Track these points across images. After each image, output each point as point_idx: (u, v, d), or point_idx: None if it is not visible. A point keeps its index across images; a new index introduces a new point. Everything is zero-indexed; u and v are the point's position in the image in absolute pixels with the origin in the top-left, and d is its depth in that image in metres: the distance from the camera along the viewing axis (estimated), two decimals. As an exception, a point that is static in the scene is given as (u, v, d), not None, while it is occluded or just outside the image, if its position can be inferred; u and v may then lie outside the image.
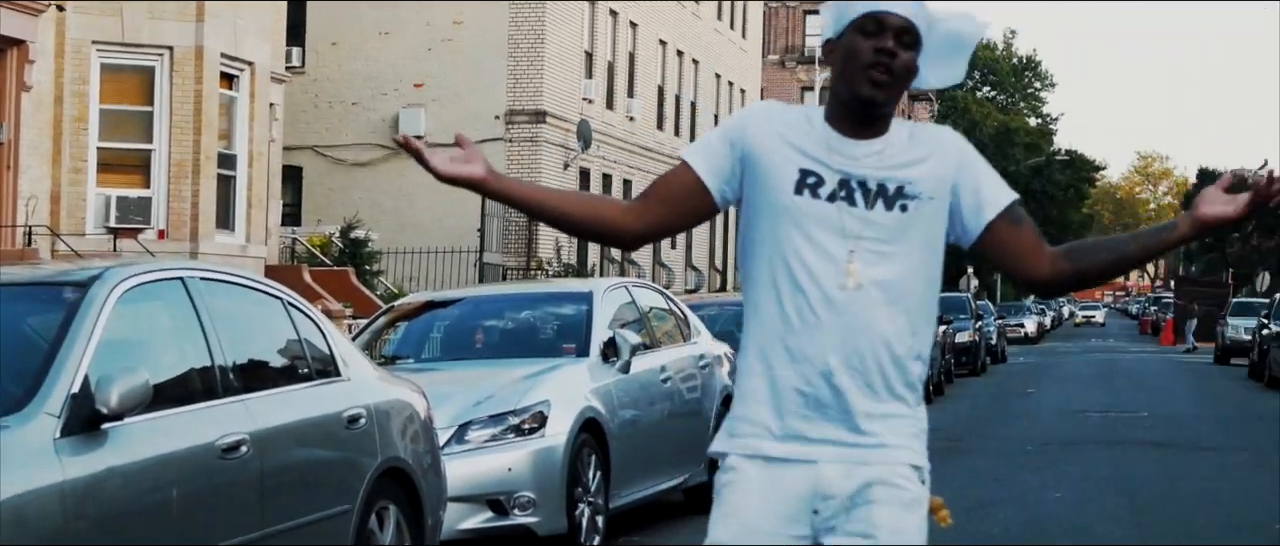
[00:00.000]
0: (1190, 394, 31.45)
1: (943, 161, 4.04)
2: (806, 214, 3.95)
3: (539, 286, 16.81)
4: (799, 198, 3.96)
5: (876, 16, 3.96)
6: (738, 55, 56.07)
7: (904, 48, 3.97)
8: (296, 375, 8.12)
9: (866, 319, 3.93)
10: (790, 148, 3.99)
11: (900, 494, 3.92)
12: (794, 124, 4.04)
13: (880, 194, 3.96)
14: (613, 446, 11.67)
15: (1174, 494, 14.76)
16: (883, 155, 4.00)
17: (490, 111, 37.85)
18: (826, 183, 3.96)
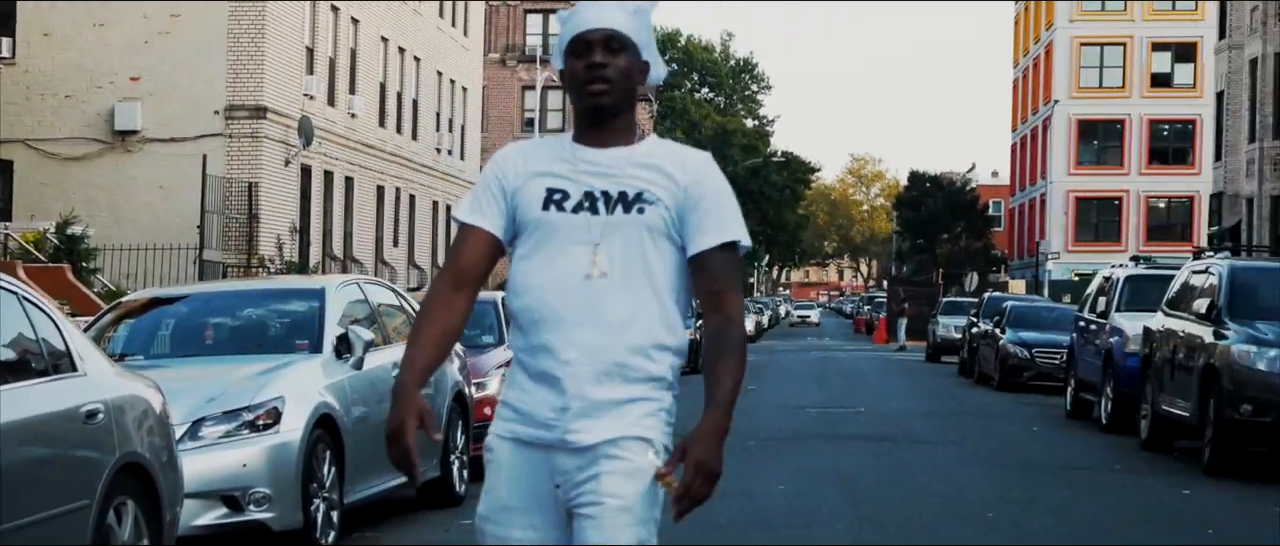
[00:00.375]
0: (903, 390, 32.35)
1: (680, 175, 4.47)
2: (555, 225, 4.45)
3: (270, 283, 16.66)
4: (546, 213, 4.46)
5: (580, 38, 4.49)
6: (459, 53, 56.04)
7: (613, 54, 4.46)
8: (32, 370, 8.00)
9: (604, 314, 4.39)
10: (539, 174, 4.50)
11: (623, 464, 4.36)
12: (541, 153, 4.56)
13: (620, 200, 4.43)
14: (347, 442, 11.69)
15: (891, 486, 15.22)
16: (626, 162, 4.46)
17: (209, 106, 37.24)
18: (572, 196, 4.46)
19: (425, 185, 51.53)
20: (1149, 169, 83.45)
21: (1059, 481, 15.86)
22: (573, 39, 4.51)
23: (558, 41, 4.57)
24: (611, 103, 4.47)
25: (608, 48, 4.47)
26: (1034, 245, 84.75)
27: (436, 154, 52.96)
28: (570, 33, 4.52)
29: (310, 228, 40.76)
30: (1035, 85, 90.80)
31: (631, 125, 4.56)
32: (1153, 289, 22.48)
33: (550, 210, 4.46)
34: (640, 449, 4.40)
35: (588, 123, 4.52)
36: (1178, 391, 18.39)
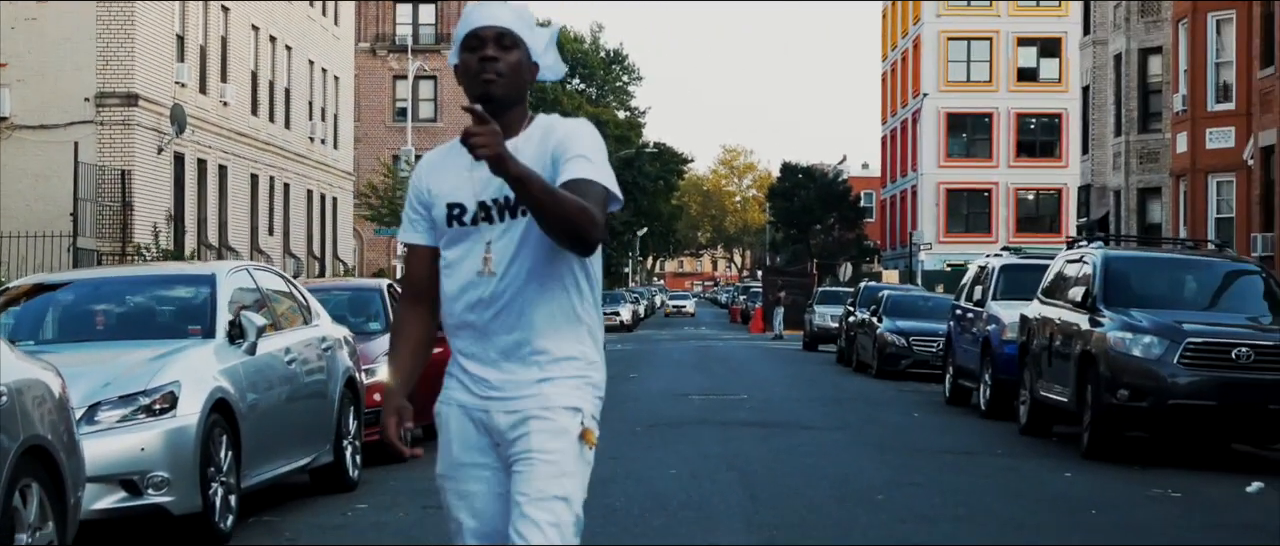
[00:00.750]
0: (784, 378, 32.59)
1: (545, 146, 4.88)
2: (458, 237, 4.95)
3: (160, 269, 16.46)
4: (450, 229, 4.97)
5: (474, 33, 4.92)
6: (331, 42, 55.74)
7: (505, 50, 4.90)
8: (-65, 352, 7.90)
9: (515, 304, 4.91)
10: (444, 188, 4.98)
11: (549, 424, 4.90)
12: (446, 163, 5.02)
13: (507, 206, 4.87)
14: (243, 426, 11.63)
15: (782, 469, 15.37)
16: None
17: (79, 94, 36.75)
18: (468, 210, 4.93)
19: (299, 174, 51.20)
20: (1017, 162, 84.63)
21: (944, 465, 16.09)
22: (467, 35, 4.93)
23: (454, 38, 5.00)
24: (501, 93, 4.89)
25: (499, 43, 4.91)
26: (906, 236, 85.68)
27: (310, 143, 52.65)
28: (465, 29, 4.94)
29: (185, 216, 40.37)
30: (904, 78, 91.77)
31: (522, 118, 4.97)
32: (1028, 278, 22.85)
33: (453, 226, 4.97)
34: (564, 413, 4.96)
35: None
36: (1056, 377, 18.70)
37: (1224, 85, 41.11)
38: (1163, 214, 44.86)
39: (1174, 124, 43.47)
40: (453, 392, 5.07)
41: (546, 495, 4.83)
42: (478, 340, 4.96)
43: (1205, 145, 41.25)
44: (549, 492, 4.84)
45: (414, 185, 5.08)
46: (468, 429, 5.01)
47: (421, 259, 5.09)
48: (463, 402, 5.03)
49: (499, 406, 4.94)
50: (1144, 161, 46.73)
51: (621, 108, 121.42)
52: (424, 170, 5.07)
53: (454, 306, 4.99)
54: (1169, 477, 15.32)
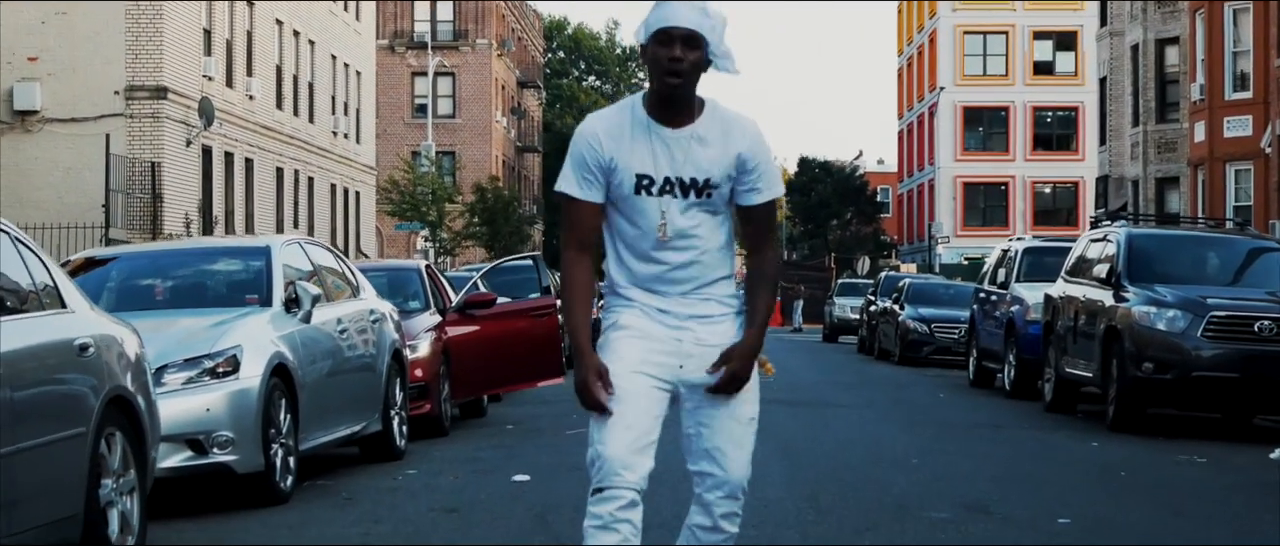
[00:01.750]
0: (808, 365, 32.96)
1: (728, 145, 5.58)
2: (642, 206, 5.60)
3: (214, 241, 16.81)
4: (638, 197, 5.59)
5: (665, 31, 5.50)
6: (352, 37, 56.16)
7: (691, 50, 5.49)
8: (28, 305, 8.31)
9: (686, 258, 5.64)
10: (627, 155, 5.57)
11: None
12: (622, 128, 5.61)
13: (692, 186, 5.56)
14: (300, 390, 12.02)
15: (818, 441, 15.75)
16: (692, 144, 5.56)
17: (109, 87, 37.21)
18: (656, 182, 5.57)
19: (323, 168, 51.65)
20: (1034, 155, 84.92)
21: (974, 436, 16.47)
22: (658, 30, 5.51)
23: (646, 22, 5.56)
24: (683, 93, 5.55)
25: (687, 43, 5.50)
26: (924, 230, 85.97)
27: (333, 137, 53.08)
28: (658, 23, 5.52)
29: (213, 208, 40.81)
30: (920, 73, 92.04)
31: (693, 101, 5.60)
32: (1051, 260, 23.22)
33: (640, 195, 5.59)
34: None
35: (660, 101, 5.57)
36: (1080, 354, 19.05)
37: (1241, 74, 41.42)
38: (1181, 203, 45.17)
39: (1191, 113, 43.79)
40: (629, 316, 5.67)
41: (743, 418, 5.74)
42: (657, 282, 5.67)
43: (1223, 134, 41.58)
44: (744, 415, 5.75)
45: (594, 144, 5.61)
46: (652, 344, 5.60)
47: (597, 215, 5.65)
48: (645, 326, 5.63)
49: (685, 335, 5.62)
50: (1162, 151, 47.05)
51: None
52: (600, 128, 5.62)
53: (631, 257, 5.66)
54: (1194, 447, 15.67)
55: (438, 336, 17.28)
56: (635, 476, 5.46)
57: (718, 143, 5.57)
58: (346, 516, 10.75)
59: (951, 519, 10.17)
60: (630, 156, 5.57)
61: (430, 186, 61.02)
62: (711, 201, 5.60)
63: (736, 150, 5.58)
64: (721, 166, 5.57)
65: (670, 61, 5.48)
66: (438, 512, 10.77)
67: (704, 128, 5.59)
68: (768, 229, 5.74)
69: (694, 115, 5.60)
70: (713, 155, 5.57)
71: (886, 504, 10.92)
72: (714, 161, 5.56)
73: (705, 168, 5.57)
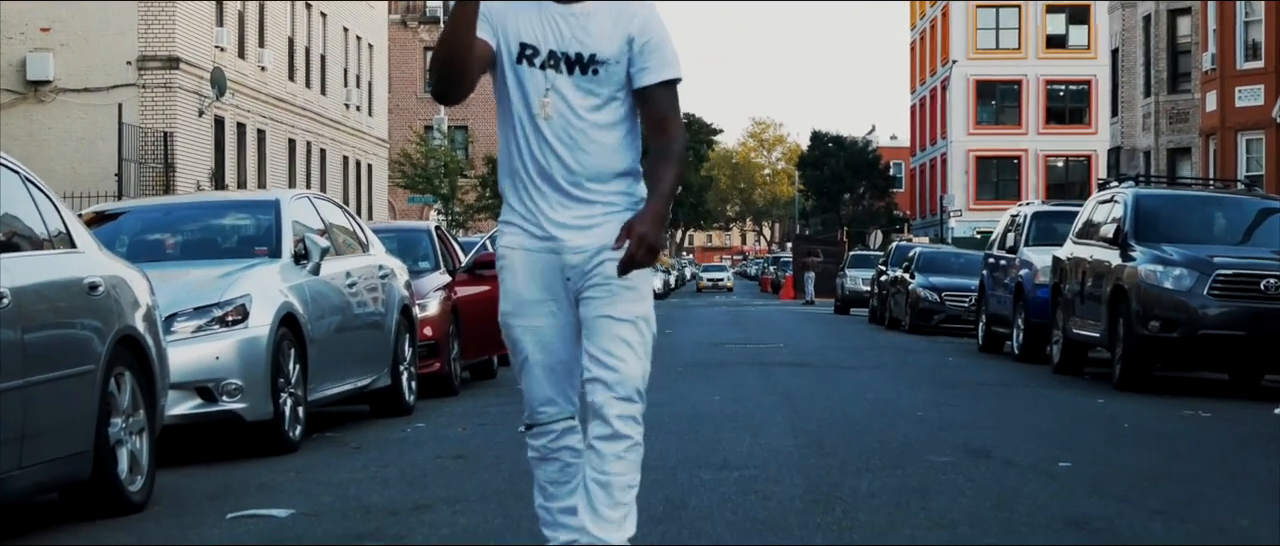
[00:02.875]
0: (819, 333, 33.04)
1: (620, 24, 5.45)
2: (524, 78, 5.49)
3: (223, 196, 16.87)
4: (520, 66, 5.48)
5: None
6: (365, 10, 56.17)
7: None
8: (38, 243, 8.40)
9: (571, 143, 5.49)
10: (514, 21, 5.48)
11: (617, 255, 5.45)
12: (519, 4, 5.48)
13: (577, 62, 5.43)
14: (309, 341, 12.11)
15: (823, 395, 15.85)
16: (581, 18, 5.44)
17: (121, 57, 37.29)
18: (540, 53, 5.45)
19: (335, 140, 51.74)
20: (1046, 129, 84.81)
21: (981, 394, 16.54)
22: None
23: None
24: None
25: None
26: (936, 204, 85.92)
27: (345, 109, 53.15)
28: None
29: (225, 178, 40.91)
30: (933, 47, 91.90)
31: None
32: (1059, 224, 23.27)
33: (522, 64, 5.47)
34: None
35: None
36: (1088, 315, 19.09)
37: (1253, 43, 41.38)
38: (1192, 173, 45.16)
39: (1203, 83, 43.76)
40: (510, 238, 5.63)
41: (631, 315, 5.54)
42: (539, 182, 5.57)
43: (1234, 103, 41.55)
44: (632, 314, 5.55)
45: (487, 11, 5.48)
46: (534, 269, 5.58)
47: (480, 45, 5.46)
48: (527, 247, 5.59)
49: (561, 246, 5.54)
50: (1173, 122, 47.02)
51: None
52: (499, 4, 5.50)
53: (515, 151, 5.56)
54: (1199, 403, 15.73)
55: (447, 296, 17.37)
56: (558, 408, 5.67)
57: (608, 19, 5.44)
58: (354, 462, 10.85)
59: (953, 461, 10.26)
60: (516, 23, 5.47)
61: (443, 159, 61.10)
62: (598, 79, 5.45)
63: (626, 28, 5.44)
64: (612, 42, 5.43)
65: None
66: (445, 458, 10.88)
67: (594, 5, 5.46)
68: (668, 109, 5.52)
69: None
70: (602, 30, 5.43)
71: (890, 448, 11.01)
72: (603, 36, 5.43)
73: (592, 43, 5.43)
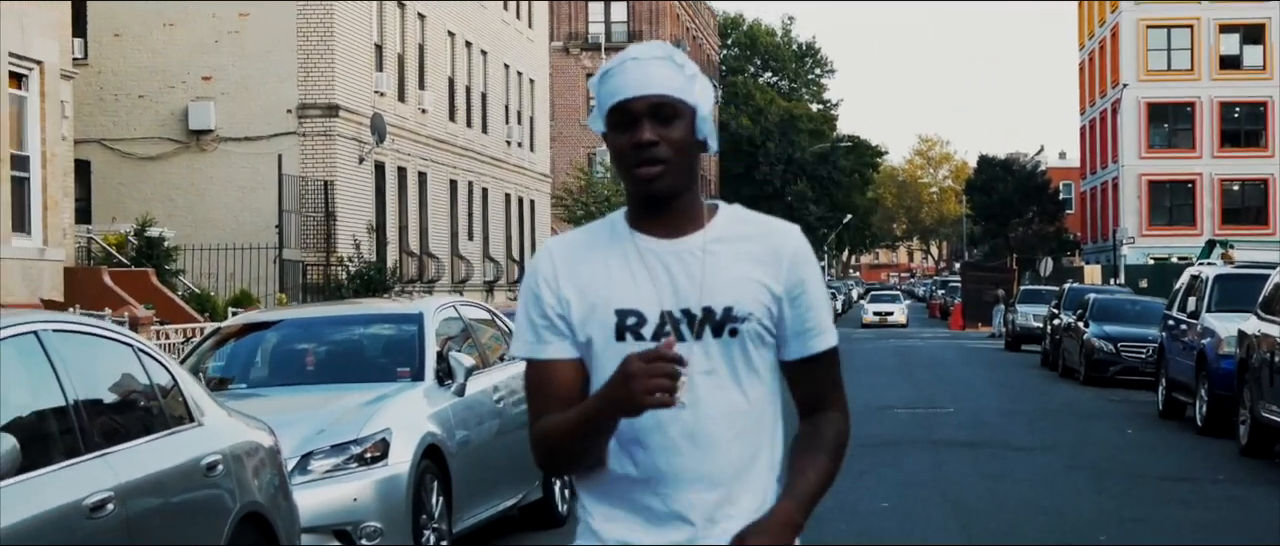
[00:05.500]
0: (990, 386, 31.98)
1: (772, 260, 3.70)
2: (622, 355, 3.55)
3: (367, 307, 16.28)
4: (621, 344, 3.63)
5: (621, 107, 3.61)
6: (525, 45, 55.96)
7: (665, 125, 3.60)
8: (152, 424, 7.89)
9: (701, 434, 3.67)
10: (601, 284, 3.68)
11: None
12: (593, 247, 3.73)
13: (708, 319, 3.64)
14: (454, 471, 11.56)
15: (996, 501, 15.00)
16: (702, 258, 3.66)
17: (281, 105, 37.27)
18: (648, 320, 3.65)
19: (497, 178, 51.52)
20: (1221, 152, 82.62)
21: (1163, 495, 15.59)
22: (611, 109, 3.63)
23: (597, 102, 3.69)
24: (668, 186, 3.62)
25: (658, 117, 3.60)
26: (1108, 229, 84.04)
27: (506, 146, 52.92)
28: (610, 99, 3.63)
29: (386, 224, 40.75)
30: (1102, 68, 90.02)
31: (697, 204, 3.71)
32: (1243, 288, 22.23)
33: (626, 340, 3.64)
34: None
35: (645, 208, 3.69)
36: (1278, 398, 18.06)
37: None
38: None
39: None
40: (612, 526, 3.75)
41: None
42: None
43: None
44: None
45: (540, 283, 3.73)
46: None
47: (574, 377, 3.71)
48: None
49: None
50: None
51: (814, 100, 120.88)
52: (558, 257, 3.75)
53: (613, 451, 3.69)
54: (1404, 508, 14.69)
55: (602, 386, 16.76)
56: None
57: (743, 254, 3.67)
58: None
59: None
60: (606, 286, 3.66)
61: (605, 192, 60.72)
62: (740, 342, 3.66)
63: (775, 265, 3.68)
64: (751, 288, 3.65)
65: (636, 148, 3.59)
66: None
67: (720, 233, 3.69)
68: (832, 386, 3.78)
69: (702, 221, 3.70)
70: (738, 271, 3.65)
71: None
72: (740, 281, 3.65)
73: (726, 291, 3.64)
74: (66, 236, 28.05)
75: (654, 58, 3.62)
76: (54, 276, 25.91)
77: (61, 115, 27.52)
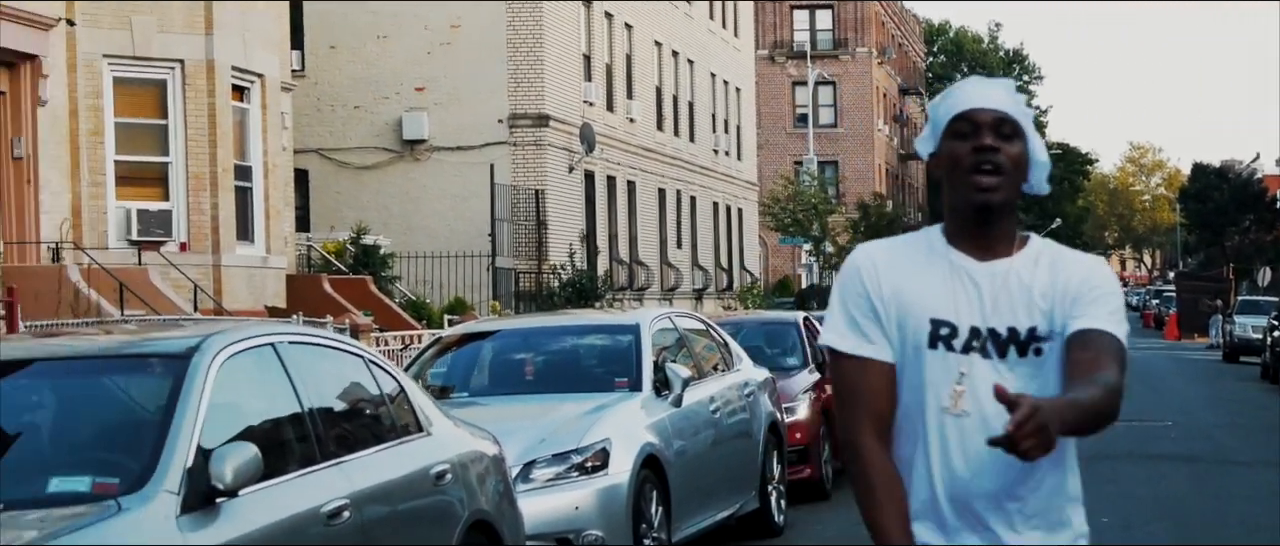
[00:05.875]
0: (1208, 399, 31.38)
1: (1055, 280, 3.92)
2: (930, 367, 3.89)
3: (583, 317, 16.41)
4: (933, 351, 3.89)
5: (967, 116, 3.87)
6: (731, 53, 56.03)
7: (1005, 140, 3.86)
8: (383, 433, 8.06)
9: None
10: (919, 291, 3.92)
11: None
12: (911, 257, 3.98)
13: (1012, 340, 3.89)
14: (672, 481, 11.66)
15: (1217, 518, 14.73)
16: (1010, 281, 3.90)
17: (493, 115, 37.76)
18: (960, 333, 3.89)
19: (704, 186, 51.65)
20: None
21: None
22: (957, 116, 3.89)
23: (931, 122, 3.98)
24: (1002, 199, 3.87)
25: (999, 132, 3.87)
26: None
27: (713, 155, 53.03)
28: (951, 111, 3.91)
29: (596, 233, 41.07)
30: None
31: (1013, 230, 3.96)
32: None
33: (937, 349, 3.90)
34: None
35: (969, 223, 3.93)
36: None
37: None
38: None
39: None
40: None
41: None
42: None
43: None
44: None
45: (864, 281, 3.97)
46: None
47: (887, 378, 3.93)
48: None
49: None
50: None
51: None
52: (878, 261, 3.99)
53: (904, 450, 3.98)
54: None
55: (816, 396, 16.81)
56: None
57: (1044, 279, 3.91)
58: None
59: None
60: (924, 295, 3.90)
61: (812, 201, 60.61)
62: (1039, 362, 3.88)
63: (1065, 284, 3.90)
64: (1051, 312, 3.89)
65: (977, 152, 3.84)
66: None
67: (1026, 261, 3.94)
68: (1109, 355, 3.81)
69: (1012, 247, 3.95)
70: (1040, 292, 3.90)
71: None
72: (1042, 302, 3.89)
73: (1030, 314, 3.89)
74: (287, 244, 28.71)
75: (1000, 83, 3.93)
76: (276, 283, 26.51)
77: (282, 126, 28.18)
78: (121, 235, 24.09)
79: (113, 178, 24.26)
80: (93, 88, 24.15)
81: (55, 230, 23.20)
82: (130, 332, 8.55)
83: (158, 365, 6.85)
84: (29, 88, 23.22)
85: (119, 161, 24.41)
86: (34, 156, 23.17)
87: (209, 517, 6.23)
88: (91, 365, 7.14)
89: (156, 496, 6.10)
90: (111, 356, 7.24)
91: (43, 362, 7.16)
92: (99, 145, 24.14)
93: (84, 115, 24.00)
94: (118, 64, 24.42)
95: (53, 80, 23.47)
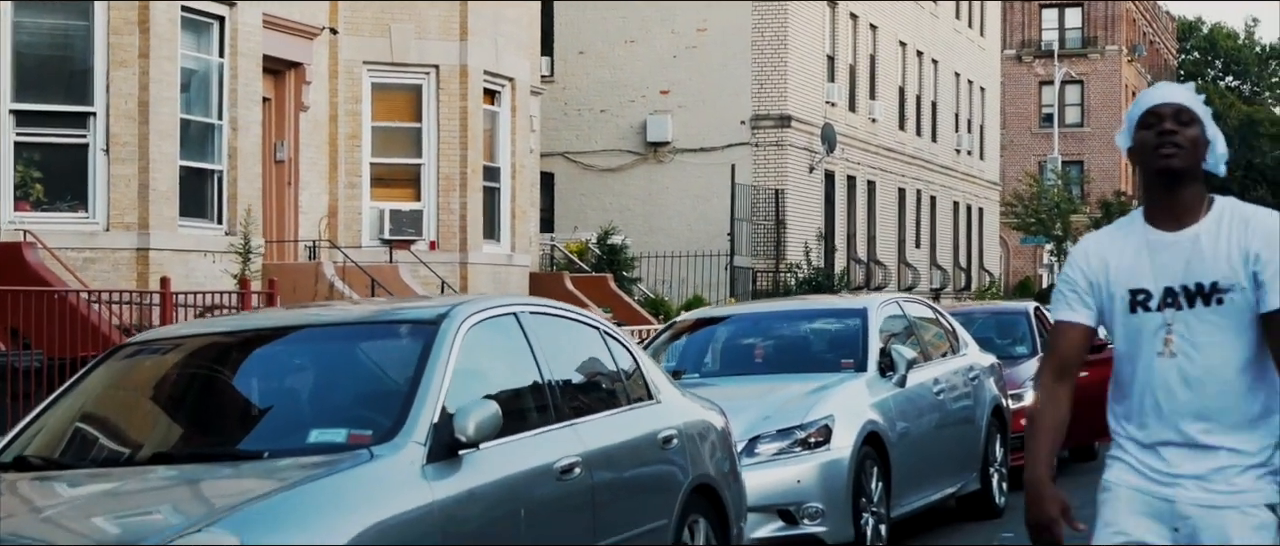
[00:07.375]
0: None
1: (1234, 237, 4.93)
2: (1138, 326, 4.99)
3: (813, 303, 17.04)
4: (1133, 315, 4.99)
5: (1152, 111, 4.99)
6: (976, 53, 55.87)
7: (1183, 125, 4.96)
8: (614, 399, 8.71)
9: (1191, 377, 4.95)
10: (1122, 270, 5.01)
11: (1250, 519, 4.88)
12: (1117, 241, 5.09)
13: (1198, 293, 4.91)
14: (893, 458, 12.12)
15: None
16: (1192, 245, 4.94)
17: (736, 117, 38.38)
18: (1154, 296, 4.96)
19: (945, 186, 51.69)
20: None
21: None
22: (1144, 114, 5.02)
23: (1127, 121, 5.10)
24: (1181, 164, 4.94)
25: (1177, 119, 4.97)
26: None
27: (955, 155, 53.02)
28: (1141, 109, 5.04)
29: (835, 232, 41.48)
30: None
31: (1197, 200, 4.99)
32: None
33: (1137, 313, 4.98)
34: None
35: (1158, 192, 5.00)
36: None
37: None
38: None
39: None
40: (1116, 472, 5.01)
41: None
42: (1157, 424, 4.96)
43: None
44: None
45: (1086, 265, 5.08)
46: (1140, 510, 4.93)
47: (1084, 341, 5.07)
48: (1135, 485, 4.95)
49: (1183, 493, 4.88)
50: None
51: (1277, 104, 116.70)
52: (1092, 248, 5.11)
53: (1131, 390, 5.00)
54: None
55: (1043, 384, 17.05)
56: None
57: (1224, 239, 4.92)
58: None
59: None
60: (1123, 271, 5.00)
61: (1055, 200, 60.20)
62: (1225, 309, 4.88)
63: (1245, 245, 4.89)
64: (1229, 265, 4.88)
65: (1161, 135, 4.93)
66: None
67: (1208, 226, 4.95)
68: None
69: (1199, 214, 4.98)
70: (1218, 253, 4.90)
71: None
72: (1219, 259, 4.89)
73: (1209, 269, 4.89)
74: (532, 244, 29.65)
75: (1181, 87, 5.06)
76: (520, 280, 27.43)
77: (530, 129, 29.10)
78: (374, 234, 25.20)
79: (368, 179, 25.38)
80: (352, 93, 25.30)
81: (313, 229, 24.38)
82: (383, 304, 9.33)
83: (409, 330, 7.59)
84: (293, 94, 24.43)
85: (375, 163, 25.52)
86: (295, 159, 24.38)
87: (452, 467, 6.91)
88: (349, 331, 7.93)
89: (405, 446, 6.80)
90: (367, 323, 8.01)
91: (305, 329, 7.95)
92: (356, 148, 25.28)
93: (343, 119, 25.15)
94: (376, 69, 25.53)
95: (315, 86, 24.66)
